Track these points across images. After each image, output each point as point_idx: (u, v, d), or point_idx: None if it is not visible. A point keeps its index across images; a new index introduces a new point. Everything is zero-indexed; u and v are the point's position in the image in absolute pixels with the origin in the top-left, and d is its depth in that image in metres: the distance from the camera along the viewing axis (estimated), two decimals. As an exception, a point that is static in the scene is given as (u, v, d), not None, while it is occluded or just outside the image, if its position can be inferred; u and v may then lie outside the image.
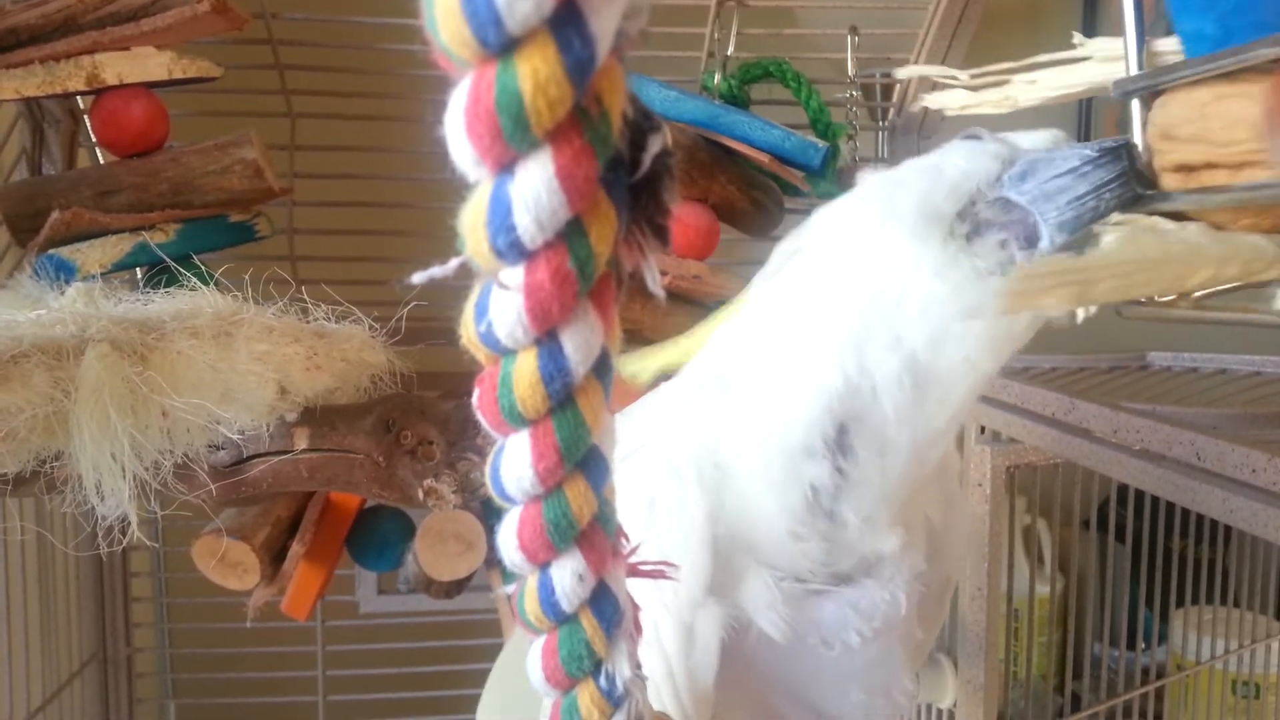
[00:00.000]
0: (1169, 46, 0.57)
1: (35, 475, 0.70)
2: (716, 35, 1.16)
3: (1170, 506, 1.22)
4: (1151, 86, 0.55)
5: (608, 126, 0.27)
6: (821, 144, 0.99)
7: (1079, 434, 0.86)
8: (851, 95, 1.18)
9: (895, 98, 1.29)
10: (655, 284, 0.31)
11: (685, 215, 0.98)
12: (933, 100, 0.75)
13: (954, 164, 0.47)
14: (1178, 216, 0.55)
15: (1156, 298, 0.57)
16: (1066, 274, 0.46)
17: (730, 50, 1.14)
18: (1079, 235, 0.46)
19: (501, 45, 0.25)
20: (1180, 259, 0.50)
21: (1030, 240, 0.46)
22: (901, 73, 0.83)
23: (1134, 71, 0.57)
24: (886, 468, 0.48)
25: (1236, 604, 1.31)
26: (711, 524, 0.50)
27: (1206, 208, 0.53)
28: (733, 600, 0.50)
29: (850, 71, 1.17)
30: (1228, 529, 1.26)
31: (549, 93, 0.25)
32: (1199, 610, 1.29)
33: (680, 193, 0.30)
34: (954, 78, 0.72)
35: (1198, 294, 0.56)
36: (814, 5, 1.26)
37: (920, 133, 1.29)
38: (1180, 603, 1.30)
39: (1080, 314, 0.51)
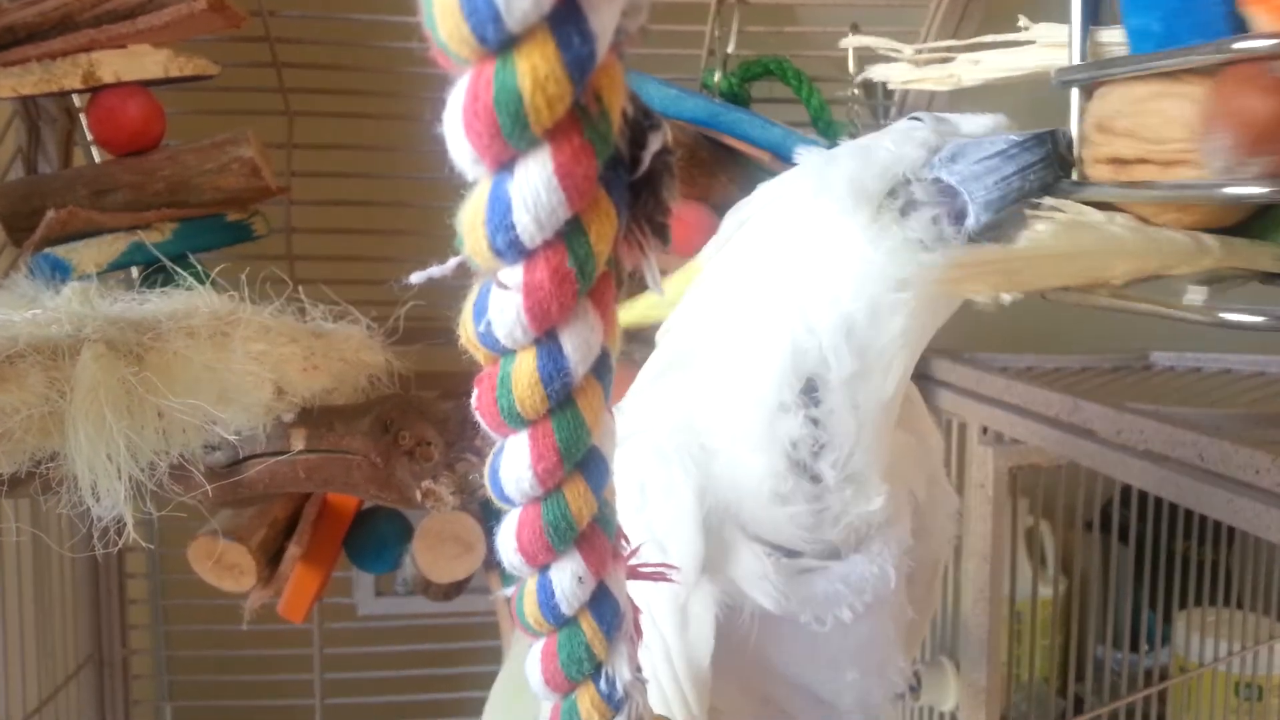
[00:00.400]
0: (1114, 38, 0.58)
1: (30, 476, 0.69)
2: (717, 33, 1.16)
3: (1174, 508, 1.22)
4: (1092, 78, 0.56)
5: (607, 124, 0.27)
6: (823, 142, 0.99)
7: (1082, 435, 0.86)
8: (853, 93, 1.17)
9: (896, 96, 1.29)
10: (656, 283, 0.31)
11: (686, 214, 0.97)
12: (876, 72, 0.76)
13: (884, 147, 0.50)
14: (1109, 207, 0.56)
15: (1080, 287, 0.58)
16: (992, 263, 0.49)
17: (731, 48, 1.14)
18: (1004, 215, 0.49)
19: (500, 42, 0.24)
20: (1101, 252, 0.52)
21: (959, 217, 0.49)
22: (845, 42, 0.85)
23: (1076, 60, 0.58)
24: (858, 421, 0.51)
25: (1240, 606, 1.31)
26: (701, 502, 0.51)
27: (1133, 201, 0.54)
28: (725, 576, 0.51)
29: (851, 69, 1.16)
30: (1231, 530, 1.25)
31: (548, 90, 0.25)
32: (1202, 612, 1.29)
33: (681, 191, 0.30)
34: (898, 50, 0.73)
35: (1119, 283, 0.58)
36: (815, 3, 1.26)
37: (921, 131, 1.28)
38: (1184, 604, 1.30)
39: (1006, 298, 0.53)
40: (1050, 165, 0.50)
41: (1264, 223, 0.55)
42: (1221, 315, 0.51)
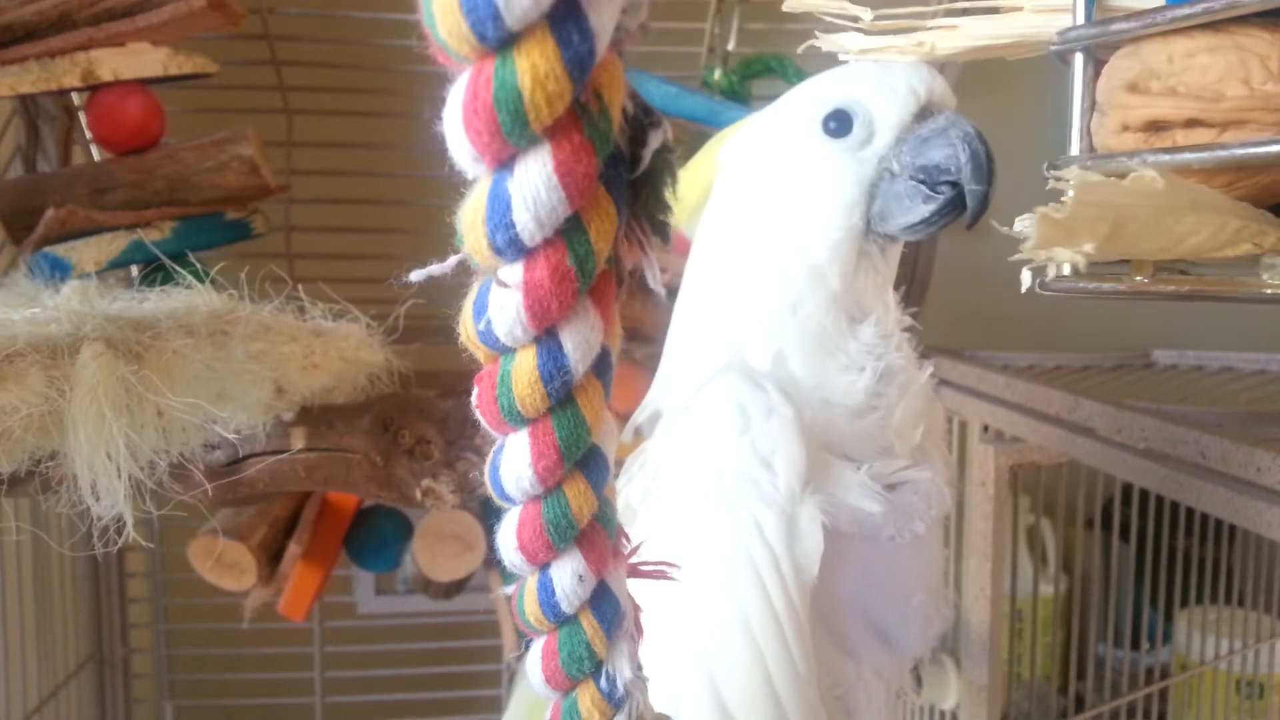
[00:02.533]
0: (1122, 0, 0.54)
1: (30, 475, 0.69)
2: (717, 30, 1.16)
3: (1175, 505, 1.21)
4: (1114, 35, 0.52)
5: (607, 122, 0.27)
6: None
7: (1083, 432, 0.86)
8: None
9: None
10: (656, 281, 0.31)
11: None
12: (826, 42, 0.70)
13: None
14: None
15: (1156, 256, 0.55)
16: (1107, 205, 0.48)
17: (731, 45, 1.14)
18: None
19: (500, 40, 0.24)
20: (1204, 207, 0.50)
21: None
22: (789, 6, 0.77)
23: (1080, 21, 0.54)
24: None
25: (1241, 603, 1.31)
26: (799, 421, 0.56)
27: (1176, 166, 0.49)
28: (826, 493, 0.56)
29: (851, 67, 1.16)
30: (1233, 528, 1.25)
31: (548, 88, 0.25)
32: (1203, 610, 1.29)
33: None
34: (855, 19, 0.67)
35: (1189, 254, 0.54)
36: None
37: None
38: (1185, 602, 1.29)
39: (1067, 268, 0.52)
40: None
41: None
42: None
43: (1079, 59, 0.54)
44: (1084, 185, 0.46)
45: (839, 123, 0.59)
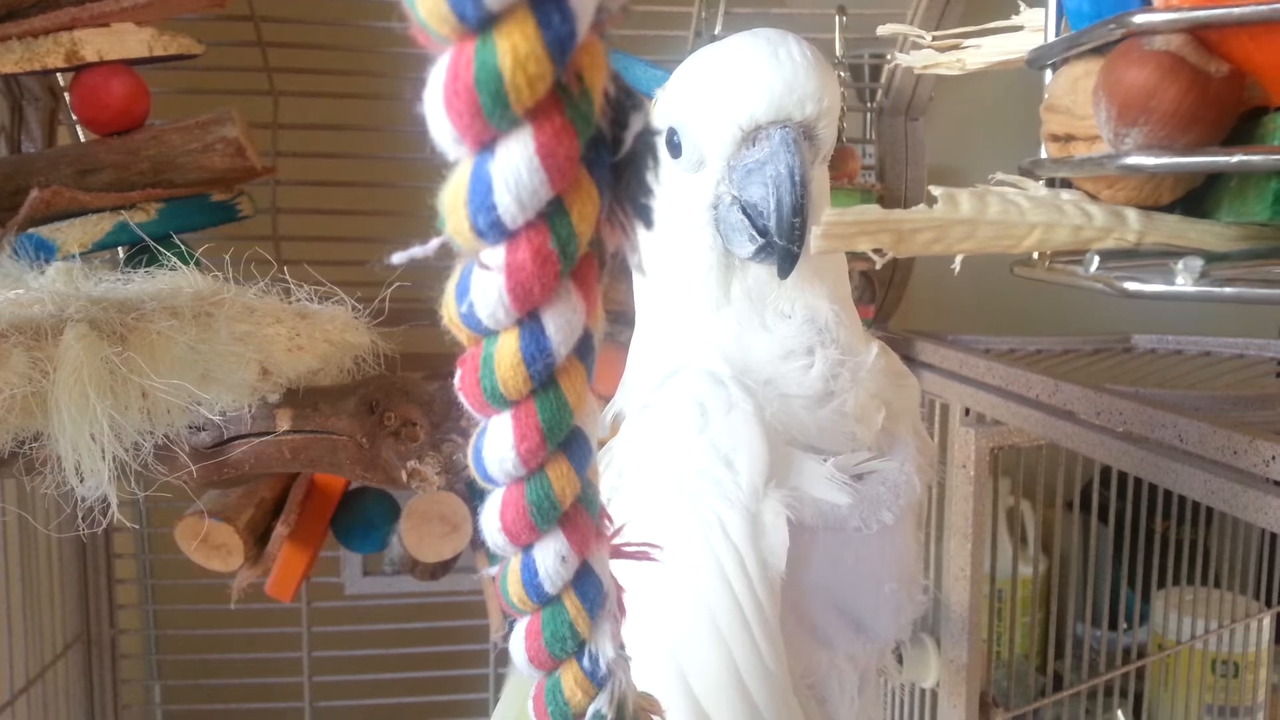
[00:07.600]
0: None
1: (14, 456, 0.69)
2: (703, 14, 1.16)
3: (1153, 488, 1.23)
4: (1052, 59, 0.59)
5: (589, 104, 0.26)
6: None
7: (1063, 416, 0.87)
8: (839, 76, 1.17)
9: (883, 79, 1.29)
10: (639, 264, 0.31)
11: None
12: (904, 59, 0.83)
13: None
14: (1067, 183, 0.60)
15: (1012, 254, 0.60)
16: (875, 223, 0.53)
17: (717, 29, 1.13)
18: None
19: (480, 21, 0.24)
20: (996, 220, 0.55)
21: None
22: (883, 29, 0.90)
23: (1051, 40, 0.60)
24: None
25: (1217, 584, 1.33)
26: (760, 416, 0.55)
27: (1060, 175, 0.58)
28: (789, 487, 0.55)
29: (838, 52, 1.16)
30: (1210, 510, 1.27)
31: (529, 69, 0.25)
32: (1180, 591, 1.30)
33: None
34: (922, 37, 0.80)
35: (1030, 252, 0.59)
36: (802, -15, 1.26)
37: (908, 114, 1.29)
38: (1162, 583, 1.31)
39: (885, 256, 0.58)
40: None
41: (1210, 201, 0.56)
42: (1124, 285, 0.52)
43: (1048, 74, 0.60)
44: (830, 214, 0.54)
45: (672, 144, 0.57)
